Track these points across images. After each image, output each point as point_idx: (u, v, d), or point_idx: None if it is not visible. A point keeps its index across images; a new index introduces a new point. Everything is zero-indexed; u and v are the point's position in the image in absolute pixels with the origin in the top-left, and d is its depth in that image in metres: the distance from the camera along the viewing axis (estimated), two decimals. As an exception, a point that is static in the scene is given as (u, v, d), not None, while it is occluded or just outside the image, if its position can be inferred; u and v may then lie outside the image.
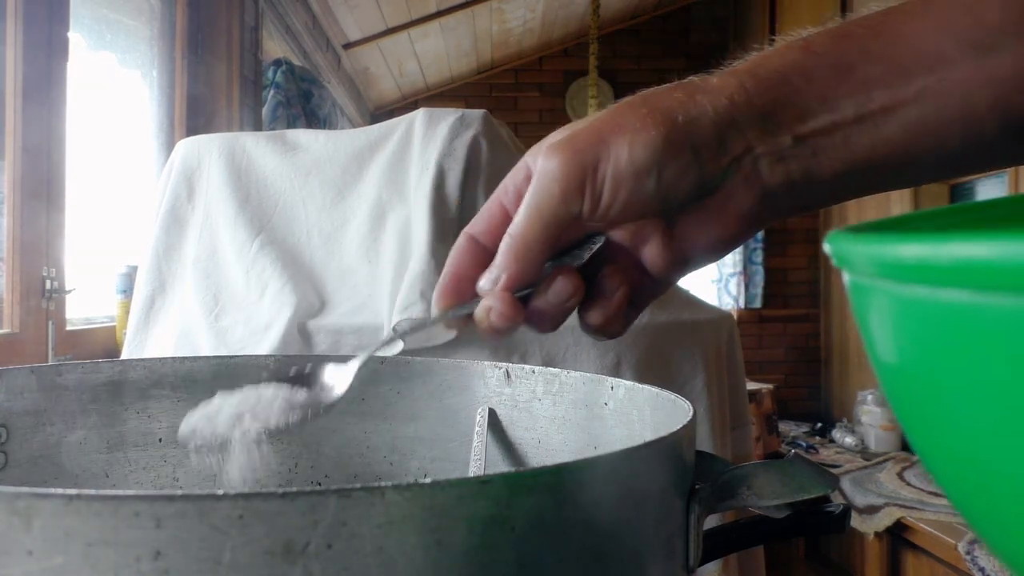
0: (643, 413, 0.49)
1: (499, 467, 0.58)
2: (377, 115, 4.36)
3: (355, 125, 3.66)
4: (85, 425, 0.56)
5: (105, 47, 1.79)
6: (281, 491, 0.24)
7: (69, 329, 1.44)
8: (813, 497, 0.36)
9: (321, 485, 0.51)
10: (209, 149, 1.13)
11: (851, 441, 3.46)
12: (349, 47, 3.48)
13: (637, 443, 0.33)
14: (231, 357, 0.61)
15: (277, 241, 1.07)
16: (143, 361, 0.59)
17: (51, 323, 1.35)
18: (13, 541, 0.24)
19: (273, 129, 2.23)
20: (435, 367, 0.61)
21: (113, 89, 1.83)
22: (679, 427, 0.35)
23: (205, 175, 1.12)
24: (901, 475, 2.94)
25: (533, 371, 0.57)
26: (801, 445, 3.49)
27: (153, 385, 0.58)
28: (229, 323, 1.02)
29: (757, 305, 4.28)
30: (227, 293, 1.05)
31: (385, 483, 0.26)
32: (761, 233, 4.15)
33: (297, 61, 2.69)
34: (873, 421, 3.40)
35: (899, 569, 2.64)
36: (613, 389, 0.52)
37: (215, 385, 0.61)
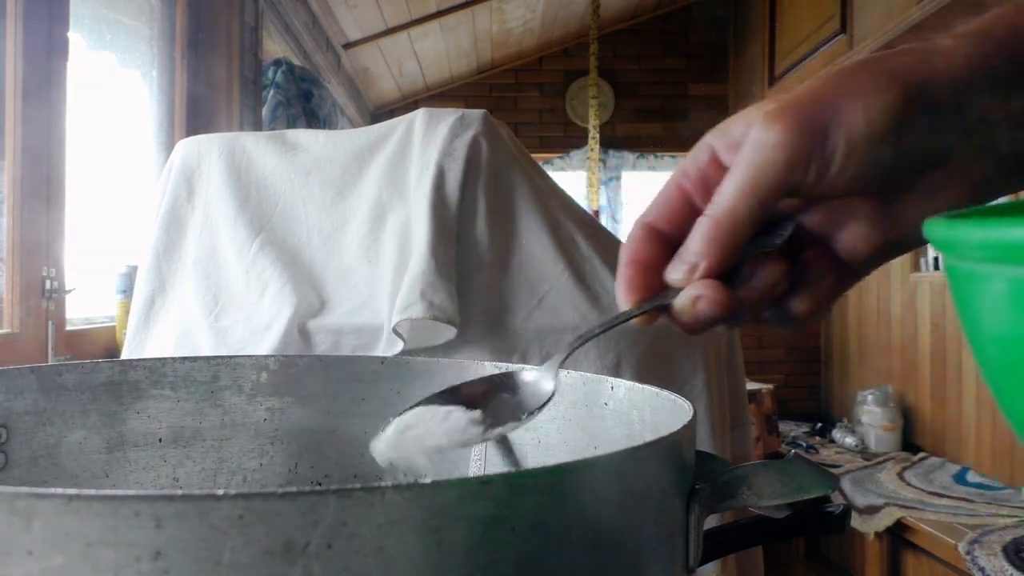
0: (643, 413, 0.49)
1: (499, 467, 0.58)
2: (377, 115, 4.36)
3: (355, 125, 3.66)
4: (85, 425, 0.56)
5: (105, 47, 1.79)
6: (281, 491, 0.24)
7: (69, 329, 1.44)
8: (813, 497, 0.36)
9: (321, 485, 0.51)
10: (209, 149, 1.13)
11: (851, 441, 3.46)
12: (349, 47, 3.48)
13: (637, 443, 0.33)
14: (231, 357, 0.61)
15: (277, 241, 1.07)
16: (143, 361, 0.59)
17: (51, 323, 1.35)
18: (13, 541, 0.24)
19: (273, 129, 2.23)
20: (435, 367, 0.61)
21: (113, 89, 1.83)
22: (679, 427, 0.35)
23: (205, 175, 1.12)
24: (901, 475, 2.94)
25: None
26: (801, 445, 3.49)
27: (153, 385, 0.58)
28: (229, 323, 1.02)
29: (757, 305, 4.27)
30: (227, 293, 1.05)
31: (385, 483, 0.26)
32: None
33: (297, 61, 2.69)
34: (873, 421, 3.40)
35: (899, 569, 2.64)
36: (613, 389, 0.52)
37: (215, 385, 0.61)
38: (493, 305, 1.00)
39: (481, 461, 0.57)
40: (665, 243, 0.38)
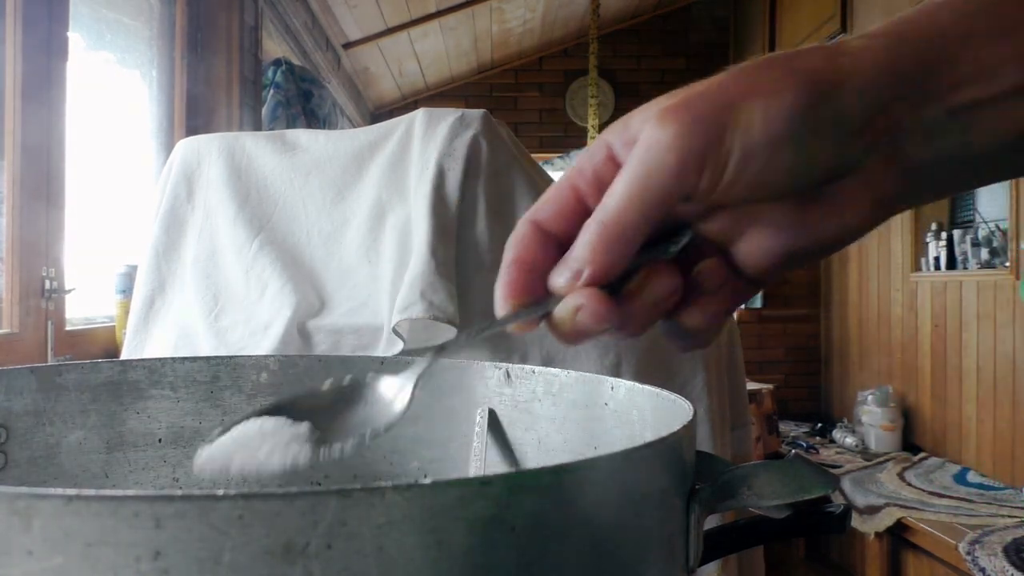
0: (643, 413, 0.49)
1: (499, 467, 0.58)
2: (377, 115, 4.36)
3: (355, 125, 3.66)
4: (85, 425, 0.56)
5: (104, 47, 1.80)
6: (281, 491, 0.24)
7: (69, 329, 1.44)
8: (813, 497, 0.36)
9: (321, 485, 0.51)
10: (209, 149, 1.13)
11: (851, 441, 3.46)
12: (349, 47, 3.48)
13: (637, 443, 0.33)
14: (231, 357, 0.61)
15: (277, 241, 1.07)
16: (143, 361, 0.59)
17: (51, 323, 1.35)
18: (13, 541, 0.24)
19: (273, 129, 2.23)
20: (435, 367, 0.61)
21: (112, 89, 1.83)
22: (679, 427, 0.35)
23: (205, 175, 1.12)
24: (901, 475, 2.94)
25: (533, 371, 0.57)
26: (801, 445, 3.49)
27: (153, 385, 0.58)
28: (229, 323, 1.02)
29: (757, 305, 4.28)
30: (227, 293, 1.05)
31: (385, 483, 0.26)
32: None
33: (297, 61, 2.69)
34: (873, 421, 3.40)
35: (899, 569, 2.64)
36: (613, 389, 0.52)
37: (215, 385, 0.61)
38: (493, 305, 1.00)
39: (481, 461, 0.57)
40: (553, 244, 0.35)
